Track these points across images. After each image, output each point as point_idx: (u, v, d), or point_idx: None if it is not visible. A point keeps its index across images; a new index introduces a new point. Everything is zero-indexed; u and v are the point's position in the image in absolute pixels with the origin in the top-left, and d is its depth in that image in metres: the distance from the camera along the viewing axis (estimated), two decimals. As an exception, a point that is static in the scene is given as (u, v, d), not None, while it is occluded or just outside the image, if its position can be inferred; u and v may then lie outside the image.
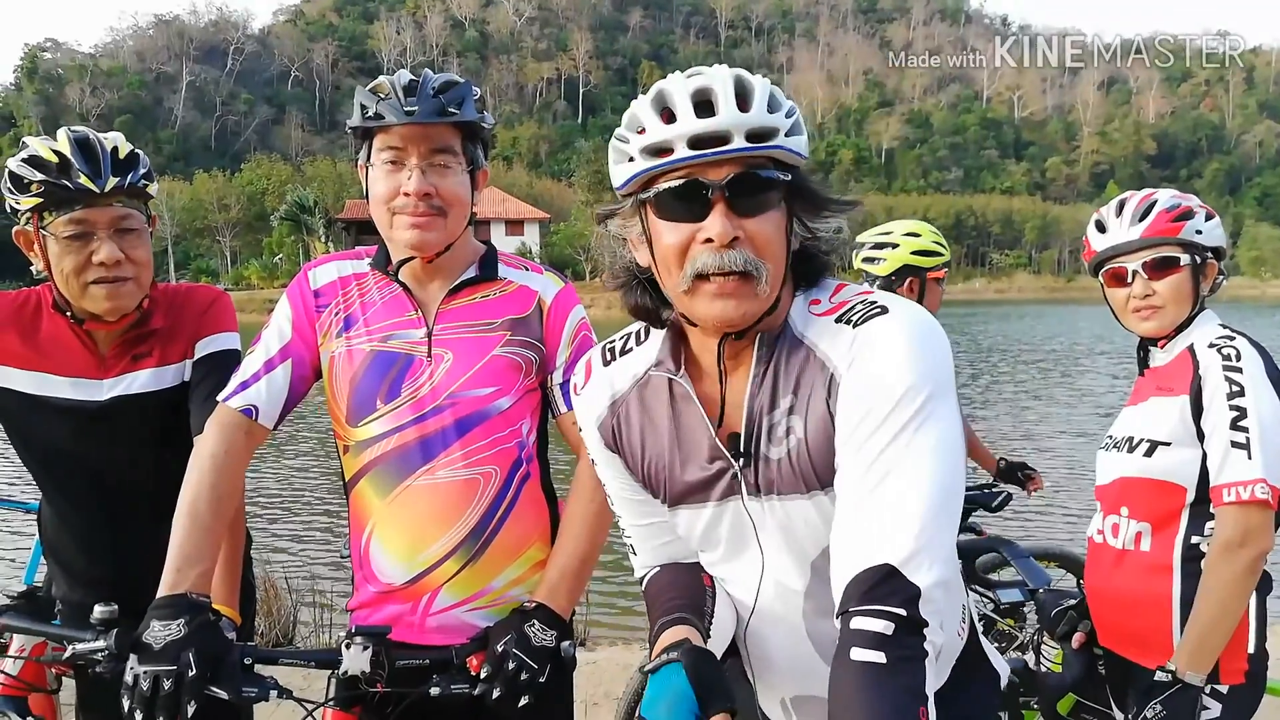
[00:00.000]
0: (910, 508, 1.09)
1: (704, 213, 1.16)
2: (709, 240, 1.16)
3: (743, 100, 1.17)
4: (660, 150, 1.17)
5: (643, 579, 1.50)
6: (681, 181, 1.17)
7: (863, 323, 1.19)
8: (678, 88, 1.19)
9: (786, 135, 1.18)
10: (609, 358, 1.42)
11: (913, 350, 1.14)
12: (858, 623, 1.05)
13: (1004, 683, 1.50)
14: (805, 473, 1.23)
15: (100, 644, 1.53)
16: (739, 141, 1.14)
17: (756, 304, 1.20)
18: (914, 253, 3.11)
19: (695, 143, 1.15)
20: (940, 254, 3.18)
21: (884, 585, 1.06)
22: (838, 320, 1.22)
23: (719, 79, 1.18)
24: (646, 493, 1.41)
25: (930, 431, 1.11)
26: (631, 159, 1.20)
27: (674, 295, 1.23)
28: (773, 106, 1.18)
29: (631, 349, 1.41)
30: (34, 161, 1.86)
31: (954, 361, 1.23)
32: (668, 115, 1.18)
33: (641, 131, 1.19)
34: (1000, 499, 3.61)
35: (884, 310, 1.19)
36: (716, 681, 1.21)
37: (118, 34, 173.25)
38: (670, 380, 1.33)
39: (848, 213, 1.26)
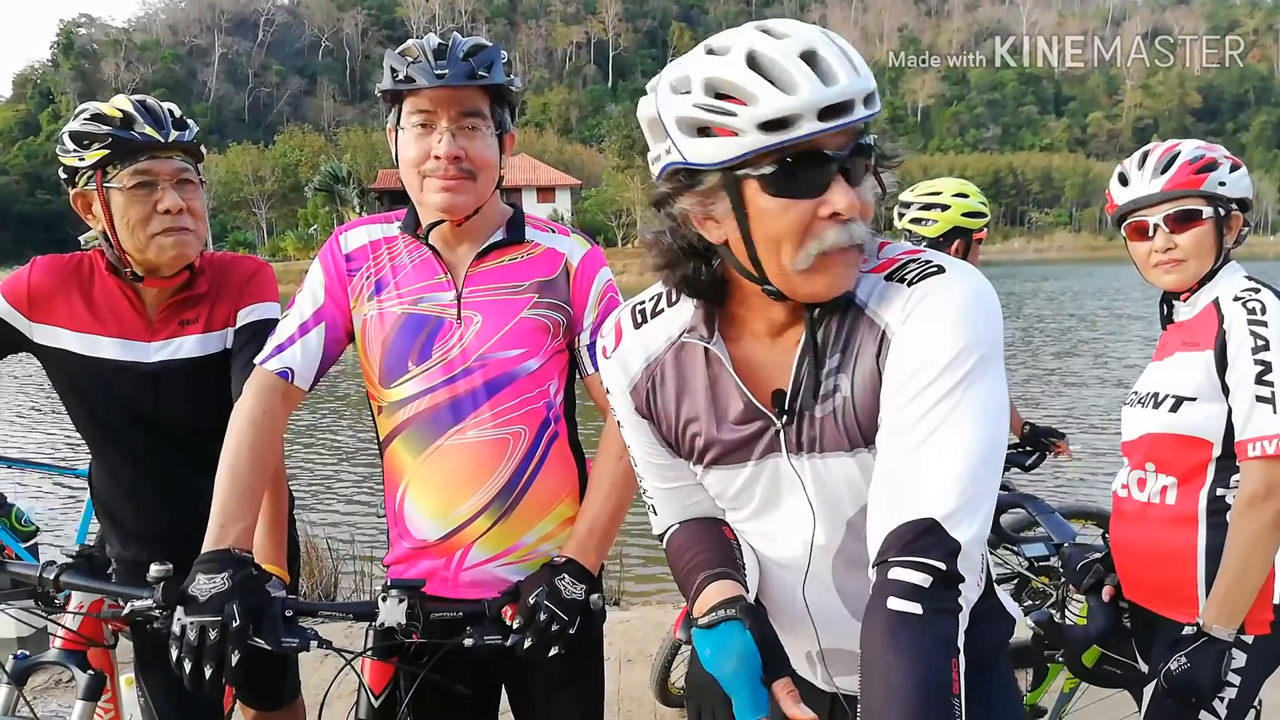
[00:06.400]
0: (955, 465, 1.08)
1: (823, 186, 1.09)
2: (835, 214, 1.09)
3: (850, 62, 1.08)
4: (783, 123, 1.05)
5: (663, 535, 1.50)
6: (805, 155, 1.07)
7: (918, 281, 1.17)
8: (779, 50, 1.07)
9: None
10: (640, 319, 1.38)
11: (967, 312, 1.13)
12: (896, 573, 1.05)
13: (1016, 629, 1.51)
14: (850, 430, 1.22)
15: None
16: (859, 109, 1.06)
17: (857, 272, 1.18)
18: (964, 214, 3.09)
19: (824, 114, 1.05)
20: (985, 214, 3.17)
21: (925, 538, 1.05)
22: (889, 278, 1.19)
23: (818, 39, 1.08)
24: (674, 456, 1.40)
25: (979, 393, 1.11)
26: (738, 133, 1.07)
27: (781, 273, 1.14)
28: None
29: (663, 310, 1.36)
30: (99, 118, 1.95)
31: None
32: (778, 83, 1.05)
33: (745, 103, 1.06)
34: (1033, 458, 3.60)
35: (940, 270, 1.17)
36: (779, 645, 1.21)
37: (150, 8, 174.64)
38: (705, 347, 1.30)
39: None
